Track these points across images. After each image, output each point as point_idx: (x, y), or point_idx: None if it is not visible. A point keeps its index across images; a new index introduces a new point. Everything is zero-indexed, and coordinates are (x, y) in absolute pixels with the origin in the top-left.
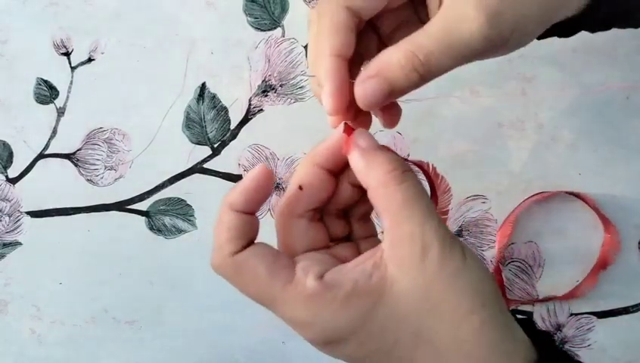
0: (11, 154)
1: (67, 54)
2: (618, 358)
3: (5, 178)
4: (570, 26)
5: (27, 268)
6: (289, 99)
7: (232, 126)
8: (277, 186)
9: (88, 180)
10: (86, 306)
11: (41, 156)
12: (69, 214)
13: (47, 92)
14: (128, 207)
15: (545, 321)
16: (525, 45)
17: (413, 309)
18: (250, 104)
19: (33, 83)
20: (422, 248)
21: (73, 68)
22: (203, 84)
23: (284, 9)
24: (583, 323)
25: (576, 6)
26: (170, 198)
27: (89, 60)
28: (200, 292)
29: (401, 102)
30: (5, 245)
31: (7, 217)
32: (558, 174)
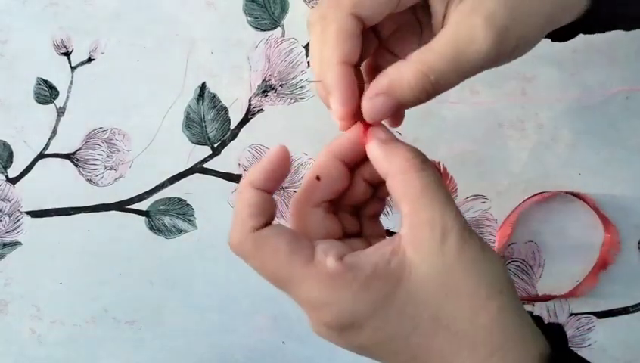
0: (11, 154)
1: (67, 54)
2: (618, 358)
3: (5, 178)
4: (568, 31)
5: (27, 268)
6: (289, 99)
7: (232, 126)
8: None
9: (88, 180)
10: (86, 306)
11: (41, 156)
12: (69, 214)
13: (47, 92)
14: (128, 207)
15: (545, 321)
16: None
17: (432, 294)
18: (250, 104)
19: (33, 83)
20: (442, 233)
21: (73, 68)
22: (203, 84)
23: (284, 9)
24: (583, 323)
25: (577, 12)
26: (170, 198)
27: (89, 60)
28: (200, 292)
29: None
30: (5, 245)
31: (7, 217)
32: (558, 174)
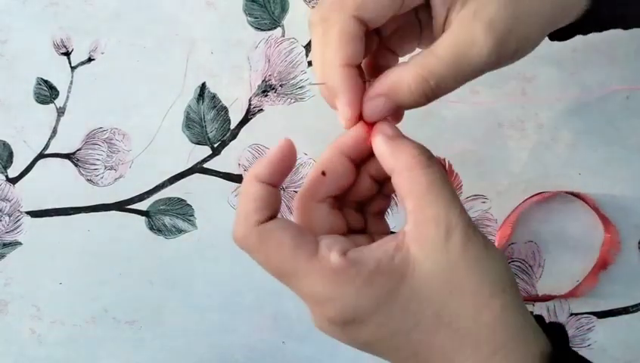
0: (11, 154)
1: (67, 54)
2: (618, 358)
3: (5, 178)
4: (567, 31)
5: (27, 268)
6: (289, 99)
7: (232, 126)
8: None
9: (88, 180)
10: (86, 306)
11: (41, 156)
12: (69, 214)
13: (47, 92)
14: (128, 207)
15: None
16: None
17: (435, 290)
18: (250, 104)
19: (33, 83)
20: (446, 230)
21: (73, 68)
22: (203, 84)
23: (284, 9)
24: (583, 323)
25: (576, 13)
26: (170, 198)
27: (89, 60)
28: (200, 292)
29: None
30: (5, 245)
31: (7, 217)
32: (558, 174)
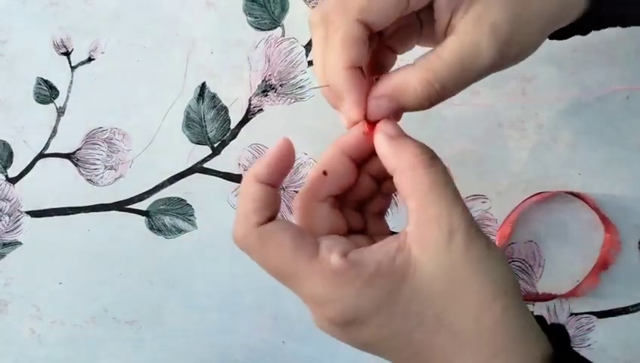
0: (11, 154)
1: (67, 54)
2: (618, 358)
3: (5, 178)
4: (565, 31)
5: (27, 268)
6: (289, 99)
7: (232, 126)
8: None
9: (88, 180)
10: (86, 306)
11: (41, 155)
12: (69, 214)
13: (47, 92)
14: (128, 207)
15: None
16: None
17: (437, 292)
18: (250, 104)
19: (33, 83)
20: (449, 231)
21: (73, 68)
22: (203, 84)
23: (284, 9)
24: (583, 323)
25: (577, 13)
26: (170, 198)
27: (89, 60)
28: (200, 292)
29: None
30: (5, 245)
31: (7, 217)
32: (558, 174)
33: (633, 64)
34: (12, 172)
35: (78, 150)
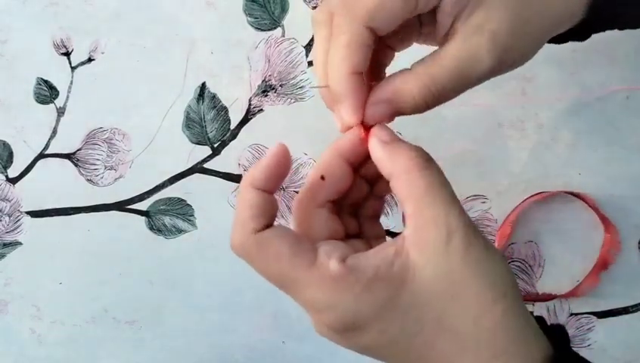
0: (11, 154)
1: (67, 54)
2: (618, 358)
3: (5, 178)
4: (562, 37)
5: (27, 268)
6: (289, 99)
7: (232, 126)
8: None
9: (88, 180)
10: (86, 306)
11: (41, 156)
12: (69, 214)
13: (47, 92)
14: (128, 207)
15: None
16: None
17: (437, 296)
18: (250, 104)
19: (33, 83)
20: (447, 233)
21: (73, 68)
22: (203, 84)
23: (284, 9)
24: (583, 323)
25: (576, 20)
26: (170, 198)
27: (89, 60)
28: (200, 292)
29: None
30: (5, 245)
31: (7, 217)
32: (558, 174)
33: (633, 64)
34: (12, 173)
35: (78, 151)
